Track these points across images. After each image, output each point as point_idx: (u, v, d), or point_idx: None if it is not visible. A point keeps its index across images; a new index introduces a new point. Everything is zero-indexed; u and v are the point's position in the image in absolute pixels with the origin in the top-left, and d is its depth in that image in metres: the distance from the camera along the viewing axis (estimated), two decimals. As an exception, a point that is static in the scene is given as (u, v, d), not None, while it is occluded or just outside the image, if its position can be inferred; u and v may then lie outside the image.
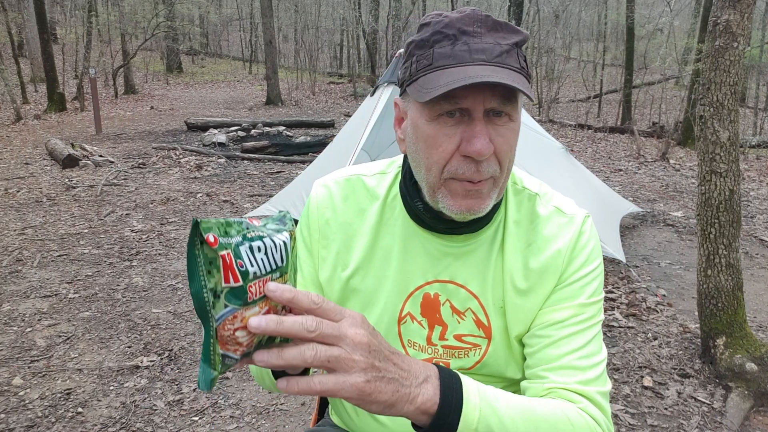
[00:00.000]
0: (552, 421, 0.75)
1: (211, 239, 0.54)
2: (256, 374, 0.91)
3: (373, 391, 0.60)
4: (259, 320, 0.56)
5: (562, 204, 0.92)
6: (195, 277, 0.54)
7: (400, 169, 0.95)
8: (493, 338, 0.90)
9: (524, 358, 0.90)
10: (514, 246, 0.89)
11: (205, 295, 0.54)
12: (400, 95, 0.89)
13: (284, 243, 0.62)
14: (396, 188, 0.94)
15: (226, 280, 0.54)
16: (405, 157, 0.92)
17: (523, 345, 0.90)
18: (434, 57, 0.78)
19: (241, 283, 0.55)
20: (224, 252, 0.54)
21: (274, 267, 0.60)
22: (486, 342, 0.91)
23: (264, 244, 0.59)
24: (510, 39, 0.78)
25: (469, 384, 0.70)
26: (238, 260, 0.55)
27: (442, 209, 0.84)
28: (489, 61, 0.76)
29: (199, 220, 0.54)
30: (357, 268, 0.93)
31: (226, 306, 0.55)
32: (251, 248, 0.57)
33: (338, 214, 0.95)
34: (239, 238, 0.57)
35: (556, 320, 0.86)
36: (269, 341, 0.62)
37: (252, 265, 0.57)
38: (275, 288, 0.59)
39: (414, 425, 0.68)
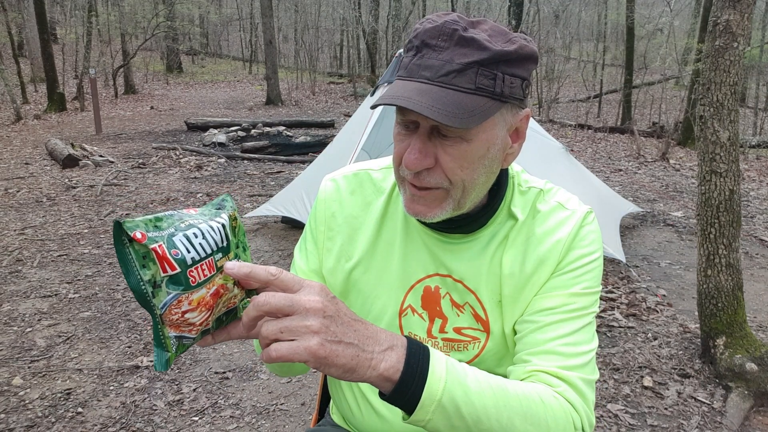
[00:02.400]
0: (524, 401, 0.74)
1: (139, 236, 0.57)
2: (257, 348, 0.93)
3: (329, 354, 0.62)
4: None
5: (564, 200, 0.92)
6: (130, 272, 0.58)
7: None
8: (491, 332, 0.91)
9: None
10: (515, 242, 0.90)
11: (143, 287, 0.58)
12: None
13: (222, 225, 0.66)
14: None
15: (164, 270, 0.58)
16: None
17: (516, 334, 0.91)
18: (401, 65, 0.80)
19: (178, 270, 0.59)
20: (155, 245, 0.58)
21: (215, 249, 0.64)
22: (485, 336, 0.92)
23: (200, 230, 0.63)
24: (471, 57, 0.75)
25: (437, 356, 0.70)
26: (173, 250, 0.59)
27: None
28: (432, 79, 0.75)
29: (121, 220, 0.57)
30: (360, 260, 0.95)
31: (168, 293, 0.59)
32: (187, 237, 0.61)
33: (345, 207, 0.97)
34: (172, 230, 0.61)
35: (546, 307, 0.86)
36: (219, 322, 0.67)
37: (189, 252, 0.60)
38: (233, 265, 0.63)
39: (380, 393, 0.69)
